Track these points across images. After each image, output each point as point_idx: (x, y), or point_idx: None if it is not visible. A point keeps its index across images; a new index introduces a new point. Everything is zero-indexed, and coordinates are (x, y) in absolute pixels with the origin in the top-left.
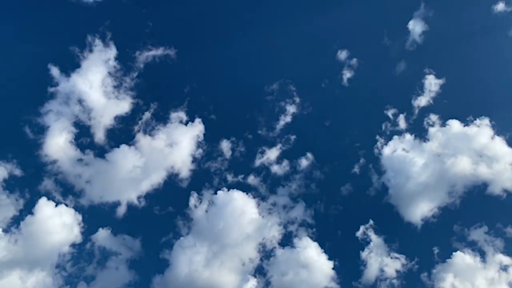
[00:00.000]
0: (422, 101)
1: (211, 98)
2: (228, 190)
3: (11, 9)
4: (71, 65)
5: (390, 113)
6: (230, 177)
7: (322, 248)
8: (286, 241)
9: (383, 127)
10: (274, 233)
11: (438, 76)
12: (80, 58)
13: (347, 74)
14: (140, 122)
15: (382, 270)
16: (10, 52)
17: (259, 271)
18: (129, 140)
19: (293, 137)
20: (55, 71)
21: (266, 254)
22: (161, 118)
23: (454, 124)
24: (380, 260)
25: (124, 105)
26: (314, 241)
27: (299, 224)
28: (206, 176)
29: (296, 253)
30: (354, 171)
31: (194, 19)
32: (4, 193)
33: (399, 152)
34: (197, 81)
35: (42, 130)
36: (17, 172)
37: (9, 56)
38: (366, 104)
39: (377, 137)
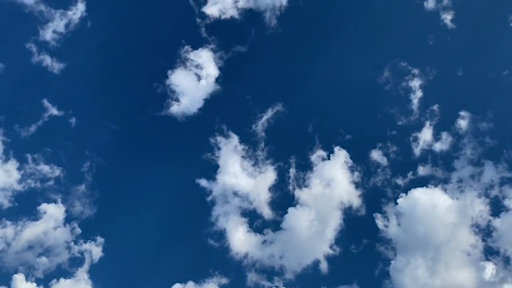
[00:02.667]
0: None
1: (337, 122)
2: (406, 194)
3: (147, 150)
4: (212, 170)
5: None
6: (400, 181)
7: None
8: (498, 208)
9: None
10: (480, 207)
11: None
12: (215, 160)
13: (447, 17)
14: (291, 181)
15: None
16: (163, 186)
17: (490, 252)
18: (292, 201)
19: (435, 107)
20: (203, 182)
21: (485, 232)
22: (306, 166)
23: None
24: None
25: (270, 175)
26: None
27: (500, 184)
28: (377, 192)
29: None
30: None
31: (278, 68)
32: None
33: None
34: (315, 115)
35: (221, 235)
36: (223, 280)
37: (164, 189)
38: (487, 30)
39: None
